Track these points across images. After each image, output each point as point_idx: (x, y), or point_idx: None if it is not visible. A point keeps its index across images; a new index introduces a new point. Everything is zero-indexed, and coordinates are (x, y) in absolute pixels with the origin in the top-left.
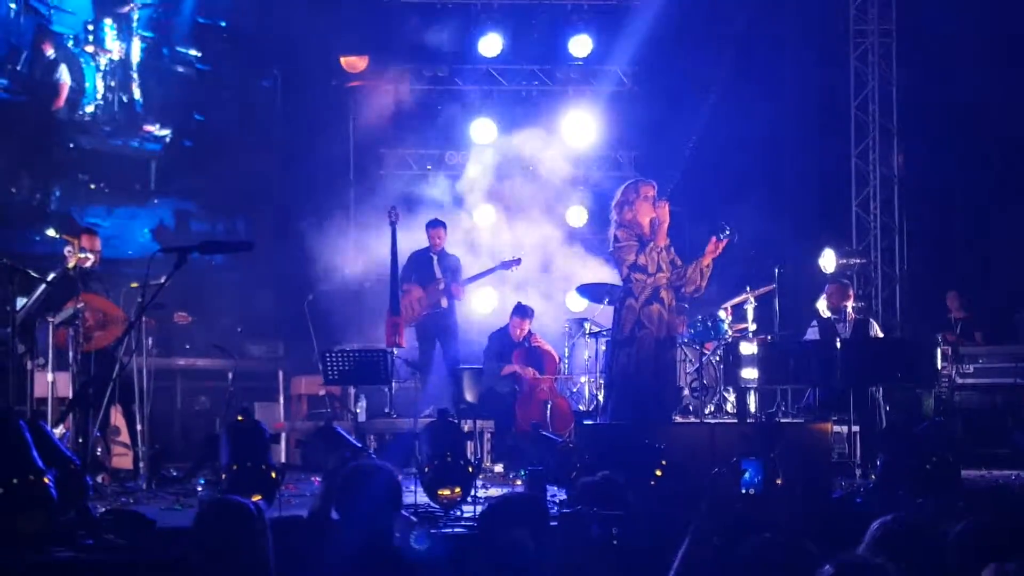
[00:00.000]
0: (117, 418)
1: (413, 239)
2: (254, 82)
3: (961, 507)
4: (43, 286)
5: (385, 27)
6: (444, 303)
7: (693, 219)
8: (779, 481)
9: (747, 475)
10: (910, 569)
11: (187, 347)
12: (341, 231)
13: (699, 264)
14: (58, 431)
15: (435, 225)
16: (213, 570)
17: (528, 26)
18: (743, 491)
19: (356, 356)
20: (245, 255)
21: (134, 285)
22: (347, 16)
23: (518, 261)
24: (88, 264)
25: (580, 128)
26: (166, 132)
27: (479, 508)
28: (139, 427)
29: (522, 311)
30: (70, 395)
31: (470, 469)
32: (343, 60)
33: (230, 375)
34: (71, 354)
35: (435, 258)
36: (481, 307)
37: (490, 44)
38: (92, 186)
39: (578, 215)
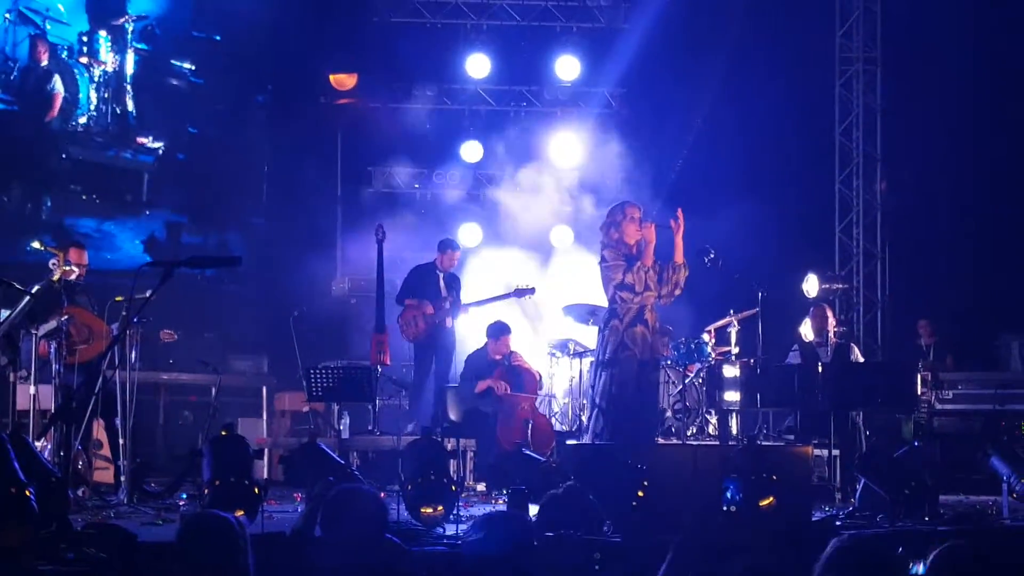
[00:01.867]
0: (99, 432)
1: (399, 257)
2: (247, 97)
3: (936, 531)
4: (27, 298)
5: (374, 46)
6: (449, 323)
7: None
8: (770, 501)
9: (728, 495)
10: None
11: (171, 361)
12: (327, 248)
13: (673, 262)
14: (39, 444)
15: (451, 247)
16: None
17: (516, 47)
18: (724, 508)
19: (340, 373)
20: (232, 270)
21: (119, 299)
22: (337, 34)
23: (532, 290)
24: (73, 277)
25: (567, 149)
26: (159, 144)
27: (461, 527)
28: (121, 441)
29: (496, 330)
30: (52, 408)
31: (453, 488)
32: (332, 78)
33: (214, 390)
34: (54, 367)
35: (441, 276)
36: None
37: (478, 65)
38: (84, 197)
39: (563, 236)
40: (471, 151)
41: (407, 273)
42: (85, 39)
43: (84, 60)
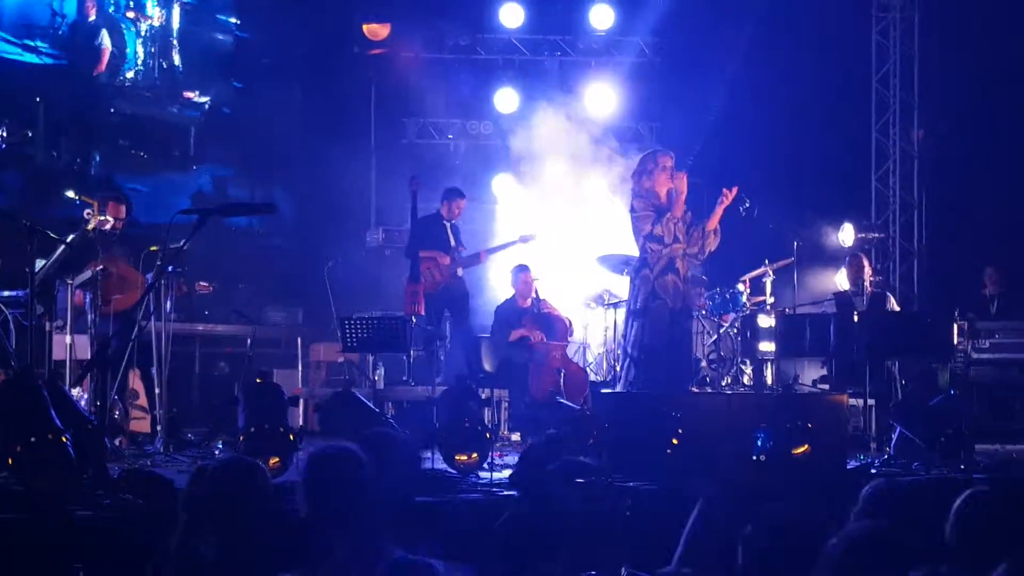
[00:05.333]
0: (135, 382)
1: (433, 207)
2: (289, 50)
3: (971, 479)
4: (62, 248)
5: None
6: (460, 272)
7: (712, 191)
8: (805, 449)
9: (759, 443)
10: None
11: (206, 312)
12: (362, 199)
13: (704, 225)
14: (75, 393)
15: (457, 195)
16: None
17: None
18: (755, 458)
19: (375, 323)
20: (269, 219)
21: (153, 249)
22: None
23: (533, 236)
24: (108, 227)
25: (601, 99)
26: (205, 99)
27: (495, 475)
28: (157, 390)
29: (516, 271)
30: (88, 358)
31: (487, 435)
32: (365, 28)
33: (249, 341)
34: (90, 316)
35: (448, 226)
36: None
37: (511, 14)
38: (132, 152)
39: (597, 186)
40: (506, 100)
41: (413, 225)
42: None
43: (131, 15)
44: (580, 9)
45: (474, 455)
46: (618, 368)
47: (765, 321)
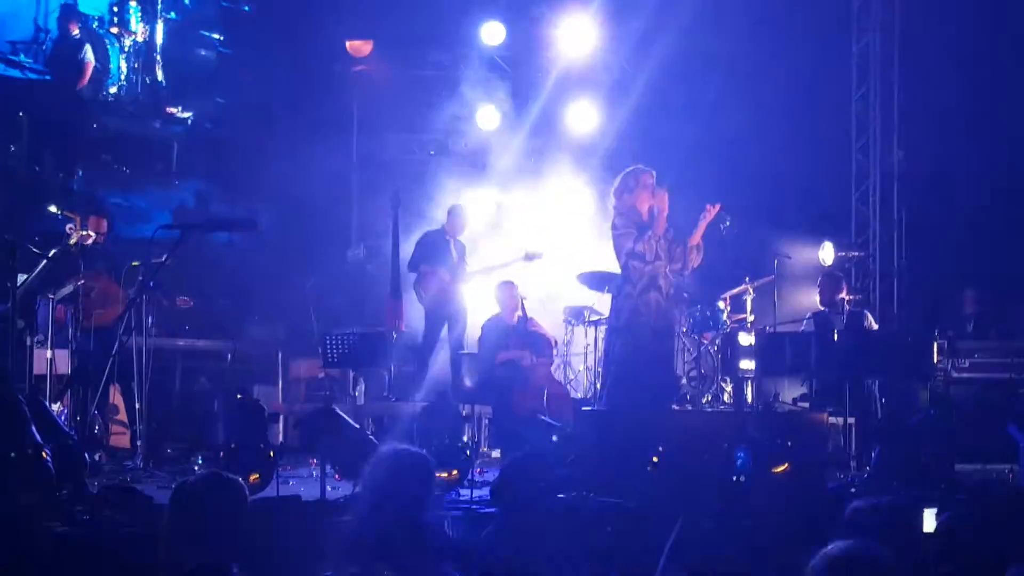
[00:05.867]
0: (116, 397)
1: (414, 223)
2: (272, 67)
3: (951, 499)
4: (43, 262)
5: (390, 12)
6: (461, 288)
7: (693, 208)
8: (785, 467)
9: (739, 462)
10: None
11: (187, 328)
12: (343, 214)
13: (687, 241)
14: (56, 408)
15: (460, 211)
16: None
17: (529, 14)
18: (734, 479)
19: (355, 339)
20: (251, 235)
21: (135, 264)
22: (353, 1)
23: (540, 255)
24: (90, 243)
25: (583, 117)
26: (188, 115)
27: (475, 492)
28: (137, 406)
29: (504, 286)
30: (69, 372)
31: (467, 452)
32: (348, 44)
33: (229, 356)
34: (70, 331)
35: (452, 242)
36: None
37: (492, 32)
38: (115, 167)
39: (578, 203)
40: (487, 117)
41: (418, 240)
42: (115, 9)
43: (115, 30)
44: (561, 27)
45: (455, 472)
46: (599, 386)
47: (745, 339)
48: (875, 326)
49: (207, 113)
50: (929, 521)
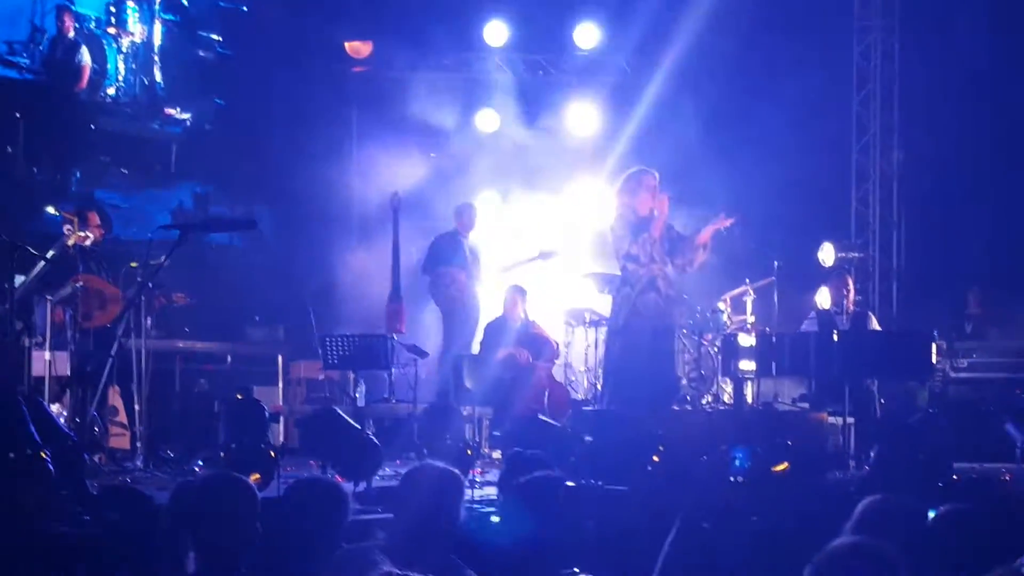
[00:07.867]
0: (115, 398)
1: (415, 225)
2: (272, 67)
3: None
4: (41, 263)
5: (390, 12)
6: (477, 289)
7: (692, 211)
8: (784, 466)
9: (737, 462)
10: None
11: (186, 329)
12: (343, 216)
13: (694, 238)
14: (55, 409)
15: (469, 210)
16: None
17: (534, 15)
18: (732, 478)
19: (356, 341)
20: (250, 236)
21: (134, 265)
22: (352, 1)
23: (554, 253)
24: (87, 243)
25: (584, 118)
26: (187, 116)
27: (476, 492)
28: (137, 407)
29: (515, 291)
30: (67, 374)
31: (468, 452)
32: (348, 45)
33: (229, 358)
34: (69, 333)
35: (465, 243)
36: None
37: (495, 32)
38: (113, 168)
39: (580, 204)
40: (488, 119)
41: (431, 243)
42: (113, 10)
43: (112, 31)
44: (565, 28)
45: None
46: (599, 386)
47: (746, 340)
48: (878, 327)
49: (206, 114)
50: (928, 519)
